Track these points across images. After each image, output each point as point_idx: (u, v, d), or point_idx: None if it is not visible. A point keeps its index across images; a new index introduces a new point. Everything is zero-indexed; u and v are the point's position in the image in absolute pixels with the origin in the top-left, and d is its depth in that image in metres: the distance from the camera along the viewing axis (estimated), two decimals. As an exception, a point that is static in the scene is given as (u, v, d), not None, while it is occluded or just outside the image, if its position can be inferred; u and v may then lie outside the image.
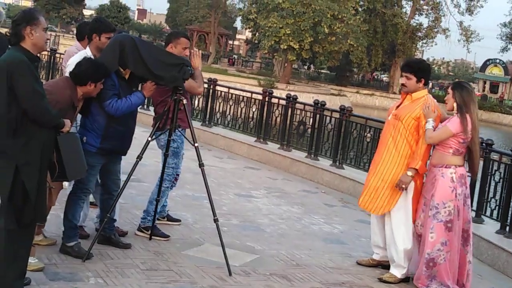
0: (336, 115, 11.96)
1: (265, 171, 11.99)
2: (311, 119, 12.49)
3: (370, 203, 6.60)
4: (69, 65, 6.02)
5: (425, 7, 69.63)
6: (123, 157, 6.33)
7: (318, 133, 12.18)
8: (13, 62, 4.73)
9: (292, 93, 13.91)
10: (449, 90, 6.28)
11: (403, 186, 6.31)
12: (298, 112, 12.96)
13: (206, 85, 14.74)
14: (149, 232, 6.79)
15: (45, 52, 17.96)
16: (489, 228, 8.32)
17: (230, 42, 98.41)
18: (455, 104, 6.21)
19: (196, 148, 6.15)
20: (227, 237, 6.79)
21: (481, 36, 71.14)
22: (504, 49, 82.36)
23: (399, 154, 6.43)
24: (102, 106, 5.83)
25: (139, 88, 6.20)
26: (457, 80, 6.64)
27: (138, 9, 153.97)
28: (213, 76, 18.95)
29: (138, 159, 6.13)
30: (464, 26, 68.62)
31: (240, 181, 10.75)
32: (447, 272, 6.17)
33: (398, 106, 6.61)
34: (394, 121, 6.49)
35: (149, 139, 6.17)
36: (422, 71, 6.52)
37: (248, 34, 77.51)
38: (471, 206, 8.67)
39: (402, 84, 6.56)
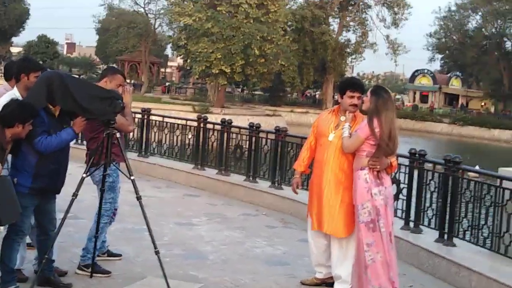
0: (272, 136, 12.02)
1: (205, 197, 11.96)
2: (247, 142, 12.53)
3: (335, 227, 6.56)
4: (-4, 108, 5.91)
5: (351, 23, 70.95)
6: (59, 195, 6.23)
7: (255, 155, 12.21)
8: None
9: (228, 117, 13.97)
10: (369, 93, 6.38)
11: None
12: (234, 136, 12.98)
13: (139, 115, 14.70)
14: (90, 269, 6.67)
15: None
16: (428, 237, 8.45)
17: (162, 70, 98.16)
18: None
19: (133, 181, 6.10)
20: (169, 267, 6.72)
21: (408, 48, 72.62)
22: (432, 59, 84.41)
23: (347, 174, 6.48)
24: (32, 144, 5.74)
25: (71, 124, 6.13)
26: (377, 85, 6.72)
27: (67, 43, 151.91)
28: (147, 105, 18.89)
29: (73, 197, 6.03)
30: (390, 40, 70.16)
31: (180, 209, 10.69)
32: (379, 274, 6.17)
33: (336, 126, 6.61)
34: (337, 142, 6.52)
35: (84, 175, 6.09)
36: (364, 88, 6.65)
37: (179, 60, 77.47)
38: (409, 216, 8.86)
39: (354, 105, 6.58)
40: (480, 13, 76.42)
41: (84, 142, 7.35)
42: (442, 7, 79.32)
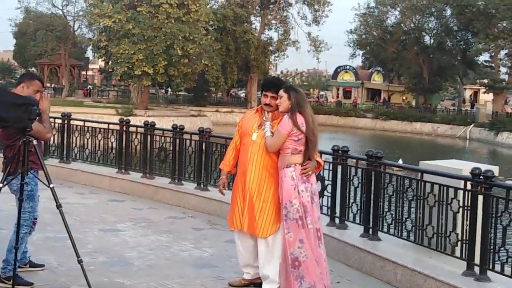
0: (196, 137, 11.93)
1: (130, 202, 11.77)
2: (171, 144, 12.40)
3: (258, 227, 6.52)
4: None
5: (273, 21, 71.44)
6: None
7: (179, 157, 12.10)
8: None
9: (152, 119, 13.82)
10: (282, 93, 6.38)
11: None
12: (158, 138, 12.83)
13: (60, 120, 14.39)
14: (11, 282, 6.46)
15: None
16: (353, 232, 8.54)
17: (84, 72, 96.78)
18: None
19: (52, 189, 5.93)
20: (94, 276, 6.59)
21: (330, 45, 73.76)
22: (353, 55, 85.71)
23: (271, 173, 6.47)
24: None
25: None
26: (287, 85, 6.74)
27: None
28: (68, 109, 18.58)
29: (-11, 208, 5.83)
30: (312, 37, 71.02)
31: (104, 215, 10.49)
32: (314, 271, 6.21)
33: (260, 126, 6.60)
34: (260, 142, 6.50)
35: (0, 185, 5.89)
36: (279, 87, 6.62)
37: (101, 63, 76.45)
38: (335, 212, 8.93)
39: (267, 104, 6.57)
40: (398, 9, 77.98)
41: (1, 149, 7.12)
42: (362, 3, 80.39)
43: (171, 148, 12.37)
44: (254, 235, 6.57)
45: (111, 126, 14.04)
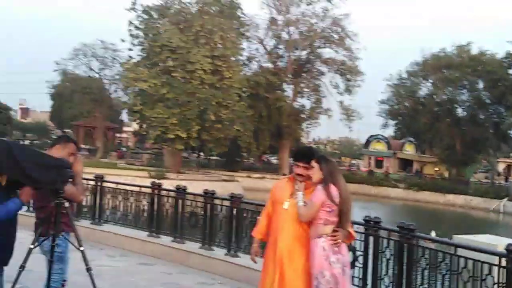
0: (227, 203, 11.91)
1: (160, 266, 11.71)
2: (203, 209, 12.38)
3: None
4: None
5: (306, 89, 71.88)
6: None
7: (210, 222, 12.07)
8: None
9: (184, 182, 13.86)
10: (314, 164, 6.36)
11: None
12: (189, 202, 12.84)
13: (93, 182, 14.48)
14: None
15: None
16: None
17: (118, 134, 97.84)
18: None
19: (82, 252, 5.93)
20: None
21: (362, 114, 73.60)
22: (385, 125, 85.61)
23: (302, 243, 6.40)
24: (-22, 215, 5.54)
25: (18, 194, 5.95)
26: (319, 154, 6.70)
27: (21, 108, 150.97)
28: (102, 171, 18.69)
29: (21, 269, 5.82)
30: (344, 106, 71.12)
31: (134, 279, 10.44)
32: None
33: (291, 194, 6.55)
34: (292, 211, 6.45)
35: (31, 246, 5.90)
36: (310, 157, 6.61)
37: (135, 125, 77.35)
38: (366, 284, 8.77)
39: (299, 174, 6.55)
40: (431, 80, 78.04)
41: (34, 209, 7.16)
42: (394, 74, 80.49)
43: (202, 213, 12.35)
44: None
45: (143, 189, 14.11)
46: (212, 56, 51.70)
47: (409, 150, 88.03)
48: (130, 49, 57.58)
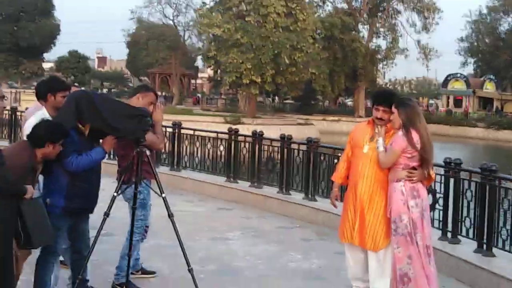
0: (304, 147, 11.91)
1: (238, 210, 11.88)
2: (279, 154, 12.42)
3: (368, 241, 6.43)
4: (26, 128, 5.90)
5: (381, 29, 70.56)
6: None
7: (287, 167, 12.11)
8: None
9: (259, 127, 13.91)
10: (393, 109, 6.23)
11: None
12: (266, 147, 12.89)
13: (170, 129, 14.69)
14: (124, 288, 6.63)
15: (6, 111, 17.74)
16: (466, 248, 8.26)
17: (193, 81, 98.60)
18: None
19: (164, 199, 6.04)
20: (204, 285, 6.65)
21: (440, 53, 71.85)
22: (464, 64, 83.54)
23: (382, 187, 6.36)
24: (62, 164, 5.70)
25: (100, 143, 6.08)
26: (398, 97, 6.54)
27: (97, 57, 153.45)
28: (178, 117, 18.93)
29: (105, 216, 5.98)
30: (422, 45, 69.65)
31: (214, 224, 10.63)
32: (423, 286, 6.07)
33: (371, 138, 6.48)
34: (372, 154, 6.40)
35: (115, 194, 6.04)
36: (391, 101, 6.51)
37: (210, 72, 77.74)
38: (447, 227, 8.68)
39: (379, 118, 6.45)
40: (512, 15, 75.47)
41: (116, 157, 7.34)
42: (473, 10, 78.04)
43: (279, 158, 12.39)
44: (365, 249, 6.47)
45: (220, 135, 14.23)
46: (285, -2, 51.20)
47: (489, 88, 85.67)
48: (204, -5, 57.56)
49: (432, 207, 8.47)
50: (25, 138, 5.65)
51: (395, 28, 69.89)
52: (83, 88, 6.62)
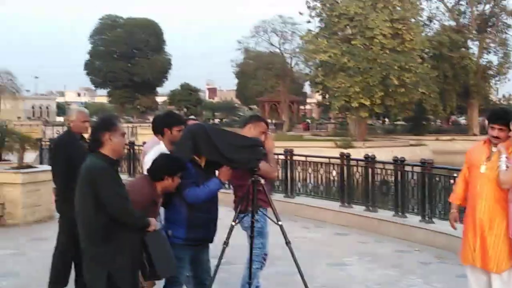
0: (418, 169, 11.74)
1: (354, 235, 11.81)
2: (393, 176, 12.29)
3: (491, 262, 6.31)
4: (146, 162, 6.13)
5: (492, 44, 68.64)
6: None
7: (402, 189, 11.96)
8: (96, 168, 4.87)
9: (371, 150, 13.88)
10: None
11: None
12: (379, 171, 12.79)
13: (283, 156, 14.82)
14: (246, 316, 6.72)
15: (125, 146, 18.37)
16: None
17: (302, 107, 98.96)
18: None
19: (281, 227, 6.11)
20: (324, 311, 6.65)
21: (555, 64, 69.03)
22: None
23: (502, 206, 6.22)
24: (182, 196, 5.87)
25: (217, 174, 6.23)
26: None
27: (208, 88, 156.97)
28: (289, 143, 19.07)
29: (224, 245, 6.11)
30: (534, 57, 67.19)
31: (330, 249, 10.61)
32: None
33: (488, 158, 6.36)
34: (489, 174, 6.28)
35: (233, 223, 6.17)
36: (508, 119, 6.38)
37: (318, 97, 77.80)
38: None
39: (495, 137, 6.34)
40: None
41: (231, 187, 7.48)
42: None
43: (393, 180, 12.26)
44: (488, 271, 6.31)
45: (332, 160, 14.23)
46: (391, 19, 50.71)
47: None
48: (309, 21, 57.77)
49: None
50: (145, 173, 5.88)
51: (506, 42, 67.79)
52: (198, 121, 6.78)
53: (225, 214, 7.45)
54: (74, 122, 7.63)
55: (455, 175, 10.79)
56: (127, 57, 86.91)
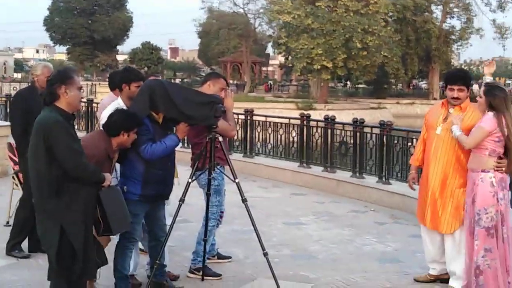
0: (377, 131, 11.82)
1: (312, 195, 11.89)
2: (352, 138, 12.37)
3: (441, 223, 6.40)
4: (102, 118, 6.06)
5: (455, 9, 68.96)
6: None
7: (360, 151, 12.05)
8: (49, 122, 4.78)
9: (332, 112, 13.89)
10: (482, 94, 6.12)
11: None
12: (338, 132, 12.85)
13: (243, 116, 14.80)
14: (201, 273, 6.75)
15: (82, 103, 18.18)
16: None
17: (264, 68, 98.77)
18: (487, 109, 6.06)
19: (237, 184, 6.11)
20: (279, 268, 6.71)
21: (516, 32, 69.69)
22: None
23: (455, 168, 6.29)
24: (138, 152, 5.82)
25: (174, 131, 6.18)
26: (487, 83, 6.44)
27: (170, 48, 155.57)
28: (250, 105, 19.03)
29: (181, 202, 6.09)
30: (497, 24, 67.71)
31: (287, 209, 10.68)
32: (493, 280, 5.96)
33: (445, 119, 6.41)
34: (445, 136, 6.33)
35: (189, 180, 6.14)
36: (470, 80, 6.45)
37: (281, 58, 77.65)
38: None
39: (455, 98, 6.38)
40: None
41: (190, 145, 7.44)
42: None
43: (352, 142, 12.34)
44: (438, 231, 6.41)
45: (292, 121, 14.25)
46: (356, -19, 50.70)
47: None
48: (274, -19, 57.49)
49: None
50: (101, 128, 5.81)
51: (469, 7, 68.12)
52: (157, 78, 6.69)
53: (183, 172, 7.44)
54: (39, 77, 7.48)
55: (413, 137, 10.91)
56: (88, 13, 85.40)
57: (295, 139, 13.90)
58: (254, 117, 14.93)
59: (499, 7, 67.39)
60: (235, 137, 14.85)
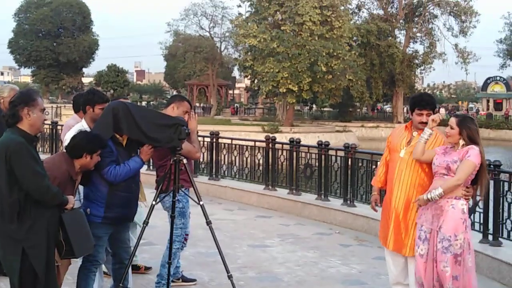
0: (341, 153, 11.90)
1: (277, 218, 11.90)
2: (317, 160, 12.43)
3: (404, 246, 6.40)
4: (66, 140, 6.02)
5: (418, 34, 69.98)
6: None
7: (325, 173, 12.11)
8: (11, 144, 4.74)
9: (297, 135, 14.03)
10: (455, 126, 6.10)
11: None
12: (303, 154, 12.90)
13: (208, 139, 14.80)
14: (165, 296, 6.69)
15: (47, 125, 18.05)
16: (508, 250, 8.18)
17: (230, 91, 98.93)
18: (461, 141, 6.07)
19: (202, 207, 6.09)
20: (244, 291, 6.69)
21: (478, 56, 70.83)
22: (503, 66, 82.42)
23: (419, 191, 6.31)
24: (101, 174, 5.79)
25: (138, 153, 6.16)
26: (458, 113, 6.51)
27: (136, 70, 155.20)
28: (216, 127, 19.08)
29: (145, 225, 6.06)
30: (459, 48, 68.78)
31: (252, 231, 10.67)
32: None
33: (409, 142, 6.45)
34: (408, 159, 6.36)
35: (153, 202, 6.11)
36: (435, 104, 6.51)
37: (247, 81, 77.98)
38: (488, 229, 8.59)
39: (424, 122, 6.38)
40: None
41: (155, 168, 7.42)
42: (512, 11, 76.76)
43: (317, 165, 12.40)
44: (401, 254, 6.44)
45: (257, 144, 14.28)
46: (321, 6, 51.12)
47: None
48: (239, 6, 57.88)
49: (473, 210, 8.38)
50: (64, 150, 5.77)
51: (432, 32, 69.21)
52: (121, 100, 6.66)
53: (148, 195, 7.41)
54: (5, 99, 7.45)
55: (377, 160, 10.96)
56: (53, 35, 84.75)
57: (261, 161, 13.93)
58: (220, 140, 14.93)
59: (461, 32, 68.58)
60: (201, 160, 14.85)
